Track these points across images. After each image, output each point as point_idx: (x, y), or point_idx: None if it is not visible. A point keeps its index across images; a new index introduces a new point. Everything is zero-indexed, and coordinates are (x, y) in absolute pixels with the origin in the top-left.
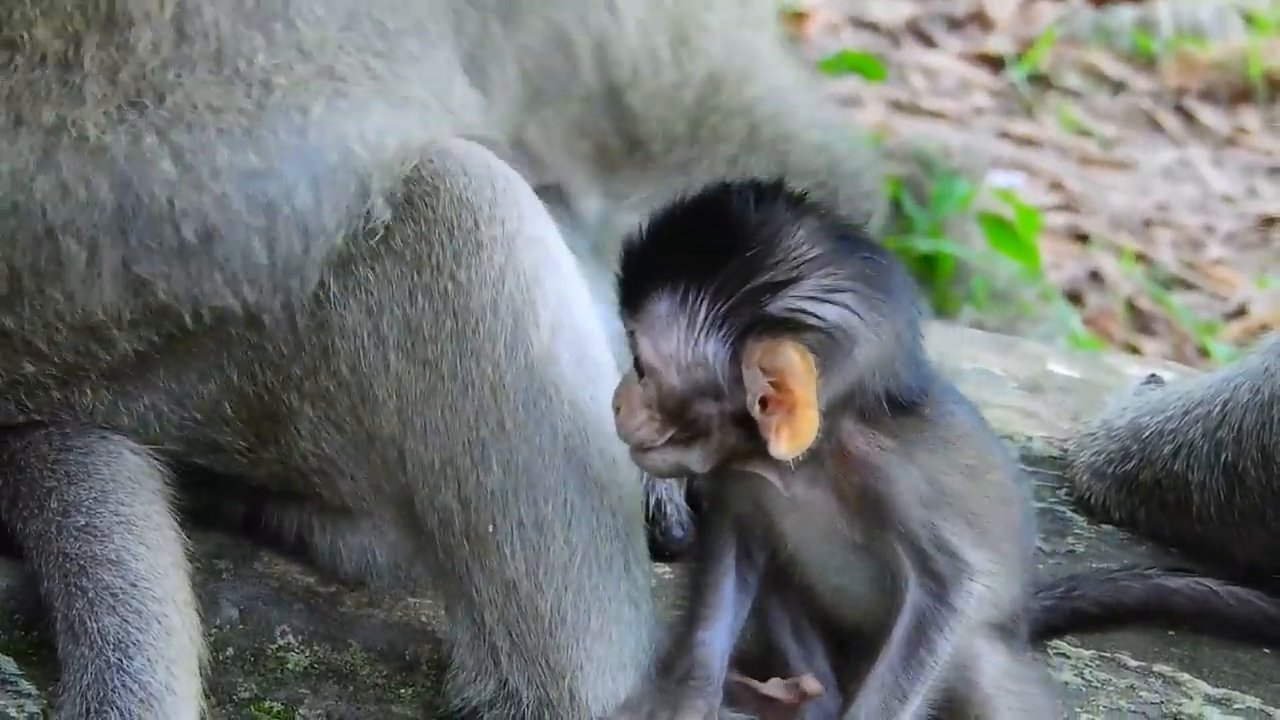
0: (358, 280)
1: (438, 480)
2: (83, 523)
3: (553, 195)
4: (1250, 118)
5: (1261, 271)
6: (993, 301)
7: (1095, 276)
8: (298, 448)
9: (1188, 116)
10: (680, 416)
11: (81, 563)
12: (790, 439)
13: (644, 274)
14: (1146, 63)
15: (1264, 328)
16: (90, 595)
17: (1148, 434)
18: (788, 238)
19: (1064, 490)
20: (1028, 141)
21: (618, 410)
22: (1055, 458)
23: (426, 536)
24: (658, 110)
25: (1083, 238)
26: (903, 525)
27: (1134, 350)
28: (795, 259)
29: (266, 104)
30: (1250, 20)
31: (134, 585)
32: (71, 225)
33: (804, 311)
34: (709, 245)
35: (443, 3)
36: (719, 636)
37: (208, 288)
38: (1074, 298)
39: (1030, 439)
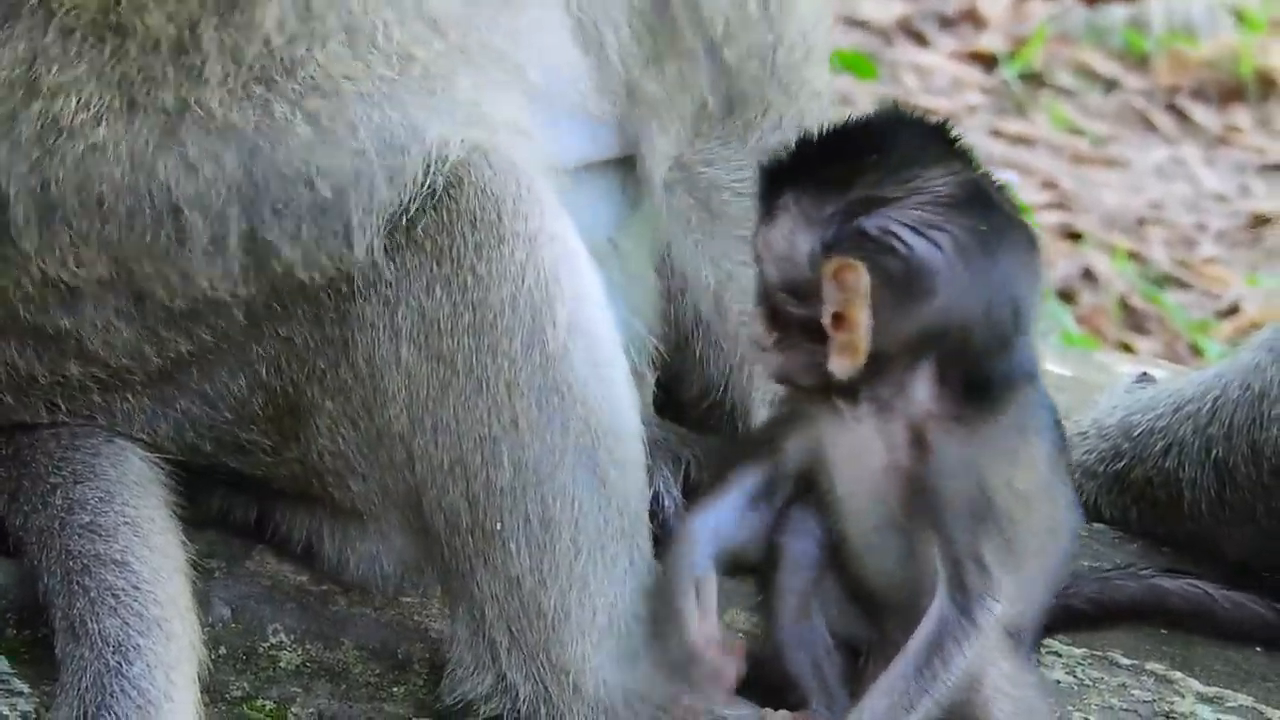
0: (378, 271)
1: (446, 479)
2: (87, 520)
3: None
4: (1242, 116)
5: (1253, 270)
6: None
7: (1088, 275)
8: (316, 444)
9: (1180, 115)
10: (775, 315)
11: (85, 561)
12: (841, 355)
13: (774, 175)
14: (1138, 61)
15: (1256, 325)
16: (92, 595)
17: (1139, 432)
18: (921, 168)
19: None
20: (1020, 140)
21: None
22: None
23: (432, 536)
24: (752, 68)
25: (1075, 236)
26: (945, 528)
27: (1127, 348)
28: (914, 186)
29: (409, 73)
30: (1241, 18)
31: (137, 588)
32: (198, 201)
33: (892, 234)
34: (849, 155)
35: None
36: (707, 520)
37: (332, 244)
38: (1067, 296)
39: None
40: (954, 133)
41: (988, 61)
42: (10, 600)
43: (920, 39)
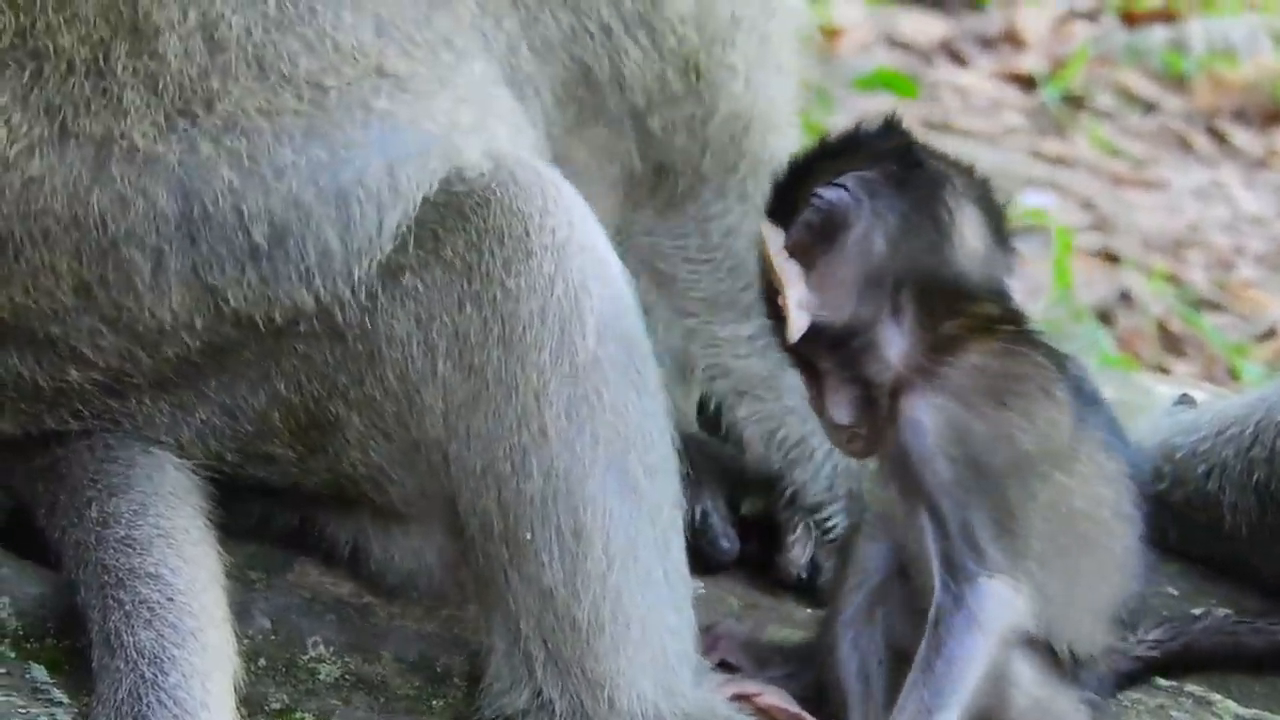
0: (405, 290)
1: (479, 485)
2: (122, 534)
3: None
4: None
5: None
6: None
7: (1126, 297)
8: (347, 456)
9: (1219, 137)
10: (825, 338)
11: (120, 575)
12: (787, 323)
13: (857, 183)
14: (1178, 83)
15: None
16: (127, 608)
17: (1180, 454)
18: (852, 153)
19: None
20: (1059, 161)
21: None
22: None
23: (468, 542)
24: (680, 140)
25: (1113, 258)
26: (929, 498)
27: (1164, 371)
28: (837, 165)
29: (324, 103)
30: None
31: (171, 600)
32: (134, 236)
33: (810, 194)
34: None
35: (467, 20)
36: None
37: (282, 288)
38: (1105, 317)
39: None
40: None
41: (1027, 82)
42: (50, 610)
43: (960, 59)
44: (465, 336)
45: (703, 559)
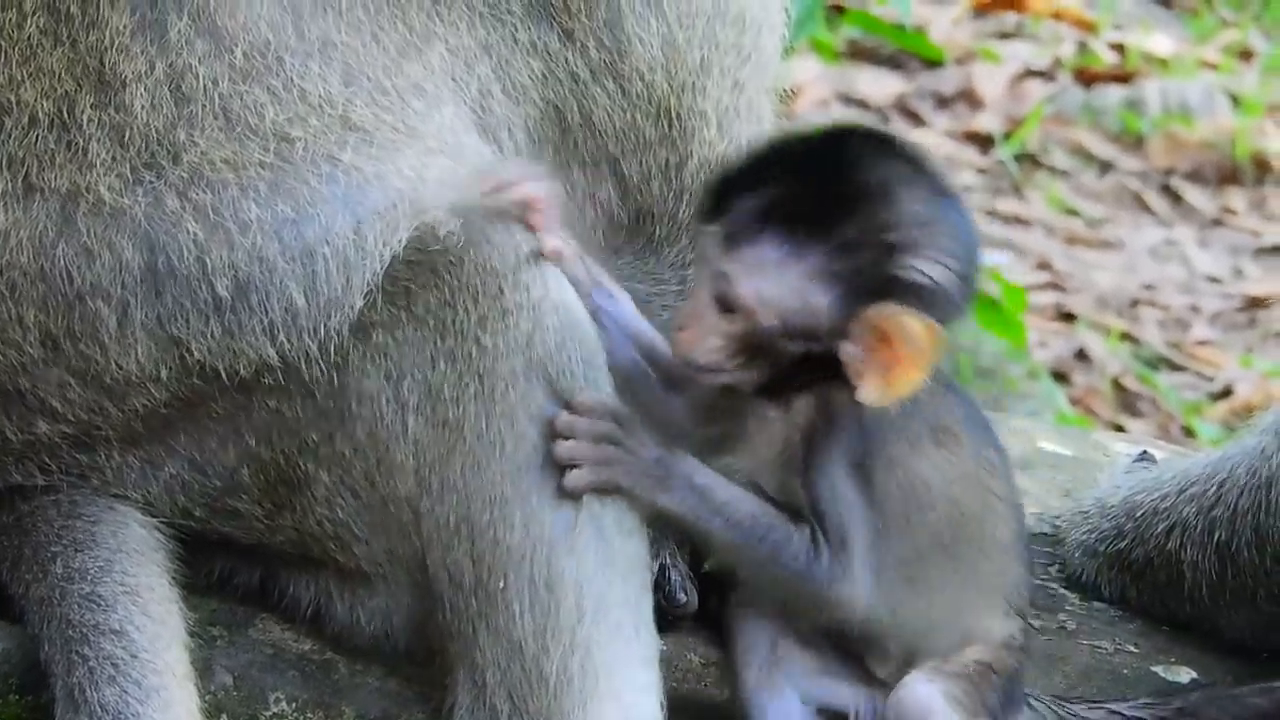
0: (376, 347)
1: (451, 539)
2: (87, 590)
3: None
4: (1237, 198)
5: (1247, 352)
6: (979, 379)
7: (1082, 355)
8: (314, 513)
9: (1174, 197)
10: (760, 351)
11: (84, 630)
12: (883, 390)
13: (751, 214)
14: (1134, 142)
15: (1250, 408)
16: (91, 664)
17: (1141, 512)
18: (903, 196)
19: (1055, 567)
20: (1015, 220)
21: (682, 330)
22: (1046, 535)
23: (436, 598)
24: (656, 186)
25: (1069, 317)
26: (814, 482)
27: (1120, 429)
28: (910, 221)
29: (290, 156)
30: (1237, 101)
31: (135, 656)
32: (100, 288)
33: (921, 273)
34: (825, 194)
35: (437, 66)
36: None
37: (246, 341)
38: (1060, 376)
39: None
40: (893, 135)
41: (983, 141)
42: (13, 666)
43: (916, 118)
44: (439, 393)
45: (660, 614)
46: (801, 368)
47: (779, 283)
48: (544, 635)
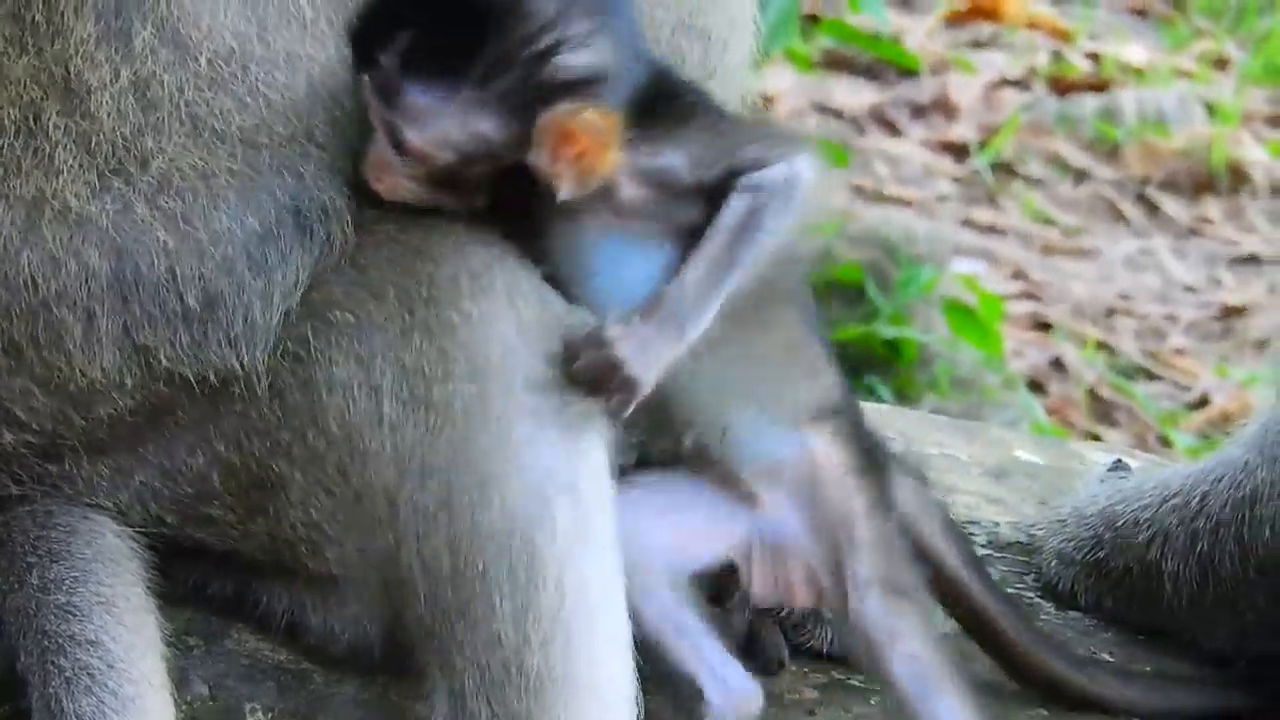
0: (338, 327)
1: (429, 525)
2: (63, 601)
3: None
4: (1212, 207)
5: (1223, 361)
6: (955, 388)
7: (1057, 365)
8: (287, 516)
9: (1150, 206)
10: (447, 180)
11: (60, 641)
12: (582, 180)
13: (393, 62)
14: (1109, 152)
15: (1226, 417)
16: (68, 674)
17: (1121, 522)
18: (529, 1)
19: (1031, 576)
20: (991, 229)
21: (375, 180)
22: (1022, 543)
23: (410, 596)
24: None
25: (1045, 326)
26: (688, 181)
27: (1095, 439)
28: (544, 22)
29: (257, 163)
30: (1213, 110)
31: (111, 666)
32: (65, 296)
33: (573, 67)
34: (455, 19)
35: None
36: None
37: (212, 351)
38: (1036, 386)
39: (997, 525)
40: None
41: (959, 150)
42: None
43: (892, 128)
44: (418, 371)
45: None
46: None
47: (439, 123)
48: (524, 623)
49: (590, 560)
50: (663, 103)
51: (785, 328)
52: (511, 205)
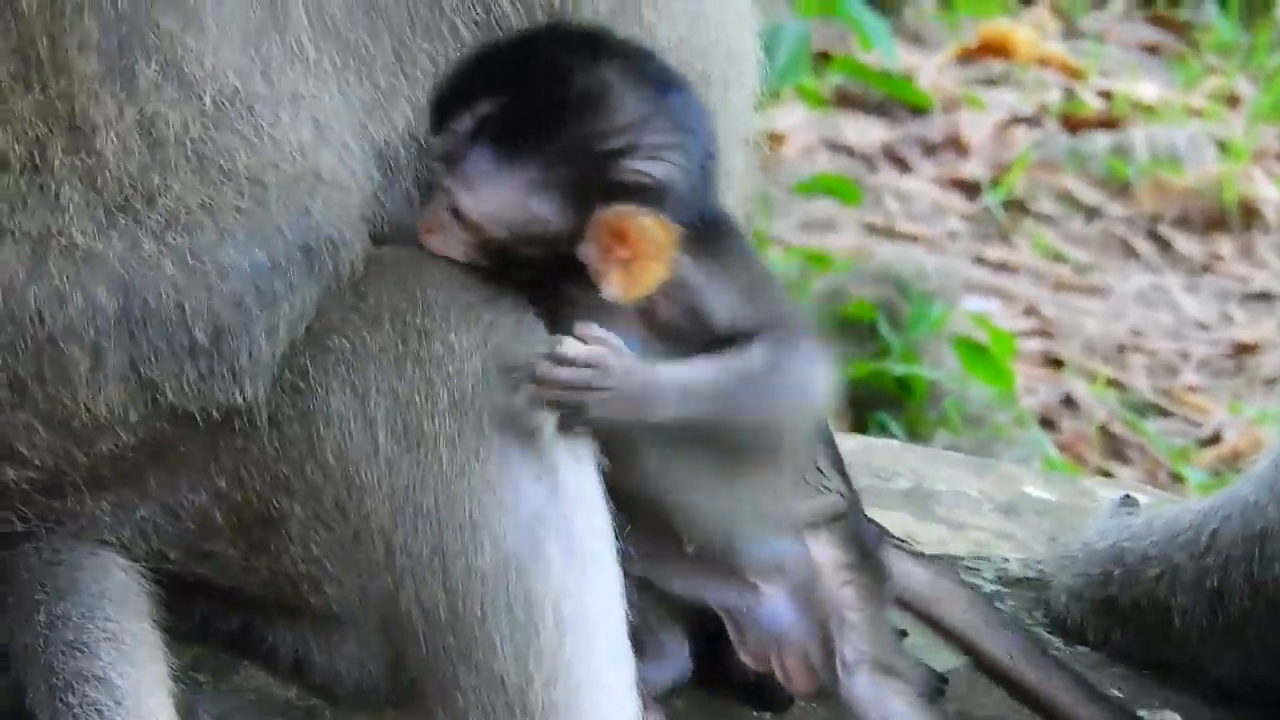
0: (335, 354)
1: (424, 571)
2: (70, 637)
3: None
4: (1224, 244)
5: (1235, 398)
6: (966, 425)
7: (1069, 401)
8: (288, 553)
9: (1162, 242)
10: (497, 252)
11: (67, 678)
12: (628, 286)
13: (464, 129)
14: (1121, 189)
15: (1237, 454)
16: (75, 711)
17: (1130, 558)
18: (615, 99)
19: (1040, 611)
20: (1002, 266)
21: (428, 234)
22: (1032, 579)
23: (410, 638)
24: None
25: (1057, 362)
26: (721, 323)
27: (1107, 475)
28: (625, 123)
29: (264, 199)
30: (1224, 147)
31: (119, 703)
32: (72, 332)
33: (642, 173)
34: (536, 100)
35: (402, 126)
36: None
37: (217, 386)
38: (1048, 422)
39: (1007, 560)
40: (602, 30)
41: (970, 188)
42: (1, 714)
43: (903, 165)
44: (409, 403)
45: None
46: (558, 271)
47: (498, 197)
48: (525, 662)
49: (588, 589)
50: (716, 240)
51: (793, 457)
52: (552, 289)
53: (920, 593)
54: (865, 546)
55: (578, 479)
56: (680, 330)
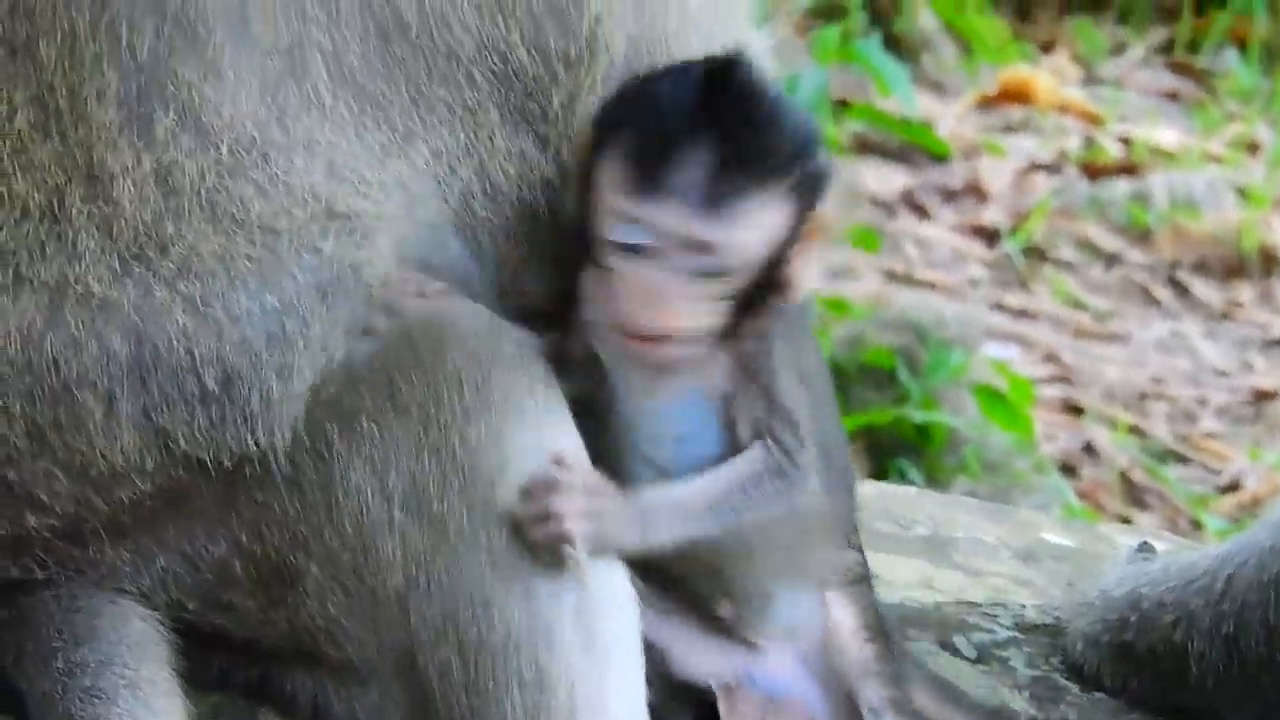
0: (362, 435)
1: (439, 637)
2: (88, 684)
3: None
4: (1244, 291)
5: (1255, 445)
6: (986, 472)
7: (1089, 449)
8: (306, 608)
9: (1181, 289)
10: (741, 303)
11: None
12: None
13: (703, 175)
14: (1140, 235)
15: (1257, 501)
16: None
17: (1147, 604)
18: (784, 103)
19: (1057, 658)
20: (1022, 313)
21: (656, 316)
22: (1049, 625)
23: (429, 695)
24: None
25: (1076, 410)
26: (771, 384)
27: (1127, 522)
28: (802, 119)
29: (276, 248)
30: (1244, 194)
31: None
32: (86, 379)
33: (825, 164)
34: (742, 123)
35: (421, 167)
36: None
37: (229, 433)
38: (1068, 469)
39: (1024, 607)
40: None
41: (990, 235)
42: None
43: (923, 212)
44: (424, 487)
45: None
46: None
47: (753, 228)
48: None
49: (608, 678)
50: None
51: (814, 522)
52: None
53: None
54: (880, 613)
55: (601, 573)
56: (723, 391)
